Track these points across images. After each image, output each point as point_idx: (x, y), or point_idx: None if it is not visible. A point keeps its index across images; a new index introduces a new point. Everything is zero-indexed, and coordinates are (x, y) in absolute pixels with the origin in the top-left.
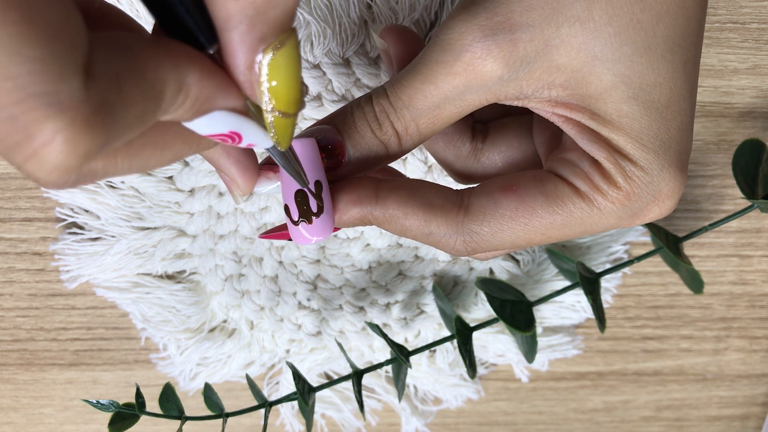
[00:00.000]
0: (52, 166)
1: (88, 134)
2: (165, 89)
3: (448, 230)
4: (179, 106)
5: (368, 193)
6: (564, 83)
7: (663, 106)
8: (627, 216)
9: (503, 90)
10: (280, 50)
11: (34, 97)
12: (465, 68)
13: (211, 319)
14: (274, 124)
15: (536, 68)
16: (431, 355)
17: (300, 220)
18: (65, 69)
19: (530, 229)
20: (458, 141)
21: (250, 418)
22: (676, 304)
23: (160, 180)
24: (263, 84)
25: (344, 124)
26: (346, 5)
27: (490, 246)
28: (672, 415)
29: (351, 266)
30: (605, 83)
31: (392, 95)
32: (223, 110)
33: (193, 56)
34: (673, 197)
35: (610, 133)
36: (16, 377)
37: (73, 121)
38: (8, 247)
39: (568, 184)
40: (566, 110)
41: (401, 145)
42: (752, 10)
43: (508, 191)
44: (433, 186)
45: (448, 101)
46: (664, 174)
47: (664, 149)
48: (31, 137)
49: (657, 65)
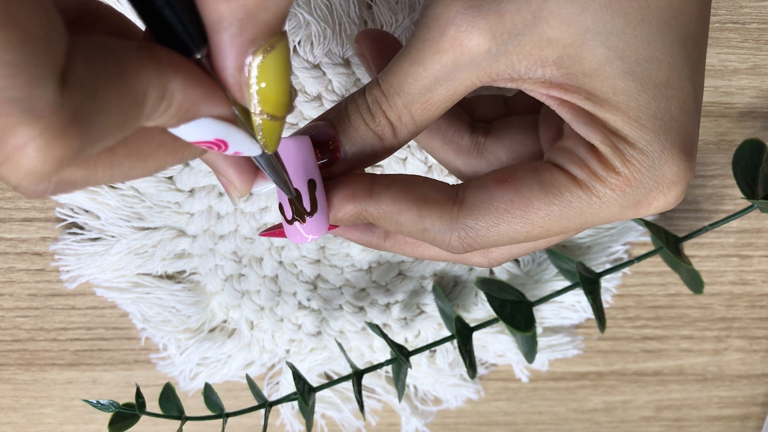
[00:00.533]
0: (25, 172)
1: (62, 141)
2: (147, 96)
3: (442, 226)
4: (163, 113)
5: (363, 189)
6: (557, 60)
7: (661, 83)
8: (629, 205)
9: (494, 67)
10: (270, 53)
11: (8, 102)
12: (452, 44)
13: (211, 319)
14: (262, 127)
15: (526, 42)
16: (431, 355)
17: (294, 219)
18: (40, 75)
19: (527, 222)
20: (455, 135)
21: (250, 418)
22: (676, 304)
23: (160, 180)
24: (252, 86)
25: (338, 119)
26: (346, 5)
27: (487, 241)
28: (672, 415)
29: (351, 266)
30: (599, 57)
31: (383, 83)
32: (209, 117)
33: (179, 63)
34: (679, 184)
35: (606, 114)
36: (16, 377)
37: (47, 128)
38: (8, 247)
39: (565, 172)
40: (561, 92)
41: (397, 136)
42: (752, 10)
43: (503, 183)
44: (428, 181)
45: (439, 82)
46: (666, 157)
47: (665, 129)
48: (3, 142)
49: (652, 38)
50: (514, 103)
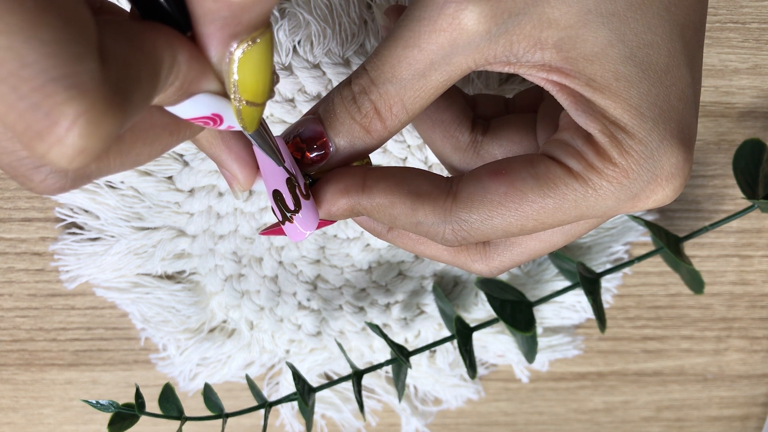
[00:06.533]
0: (76, 151)
1: (110, 114)
2: (162, 65)
3: (436, 219)
4: (170, 85)
5: (355, 182)
6: (557, 43)
7: (661, 70)
8: (627, 198)
9: (492, 49)
10: (253, 46)
11: (53, 81)
12: (450, 23)
13: (210, 319)
14: (242, 112)
15: (526, 22)
16: (431, 356)
17: (284, 219)
18: (82, 51)
19: (521, 215)
20: (456, 131)
21: (249, 418)
22: (677, 304)
23: (159, 180)
24: (233, 75)
25: (325, 113)
26: (346, 5)
27: (481, 235)
28: (672, 415)
29: (351, 266)
30: (601, 40)
31: (373, 70)
32: (206, 93)
33: (180, 37)
34: (677, 177)
35: (606, 101)
36: (16, 377)
37: (95, 103)
38: (8, 247)
39: (561, 164)
40: (561, 76)
41: (387, 127)
42: (753, 10)
43: (497, 175)
44: (422, 173)
45: (435, 66)
46: (665, 147)
47: (664, 119)
48: (54, 123)
49: (653, 23)
50: (513, 103)
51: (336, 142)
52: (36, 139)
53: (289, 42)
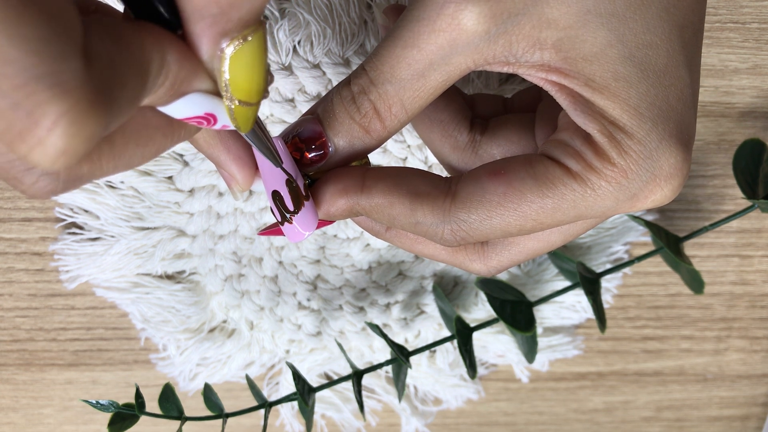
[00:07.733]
0: (58, 152)
1: (93, 115)
2: (150, 66)
3: (434, 219)
4: (160, 85)
5: (354, 182)
6: (556, 43)
7: (660, 70)
8: (625, 198)
9: (491, 49)
10: (244, 44)
11: (35, 79)
12: (449, 23)
13: (210, 319)
14: (234, 111)
15: (525, 22)
16: (431, 356)
17: (283, 220)
18: (65, 50)
19: (520, 215)
20: (455, 130)
21: (250, 418)
22: (677, 304)
23: (159, 180)
24: (224, 74)
25: (324, 113)
26: (346, 5)
27: (479, 235)
28: (672, 415)
29: (351, 266)
30: (600, 40)
31: (372, 70)
32: (199, 92)
33: (170, 36)
34: (676, 177)
35: (605, 101)
36: (16, 377)
37: (77, 103)
38: (7, 247)
39: (559, 164)
40: (560, 76)
41: (386, 127)
42: (753, 10)
43: (495, 175)
44: (421, 173)
45: (434, 66)
46: (664, 147)
47: (663, 119)
48: (35, 123)
49: (652, 24)
50: (512, 103)
51: (335, 143)
52: (17, 139)
53: (289, 42)
